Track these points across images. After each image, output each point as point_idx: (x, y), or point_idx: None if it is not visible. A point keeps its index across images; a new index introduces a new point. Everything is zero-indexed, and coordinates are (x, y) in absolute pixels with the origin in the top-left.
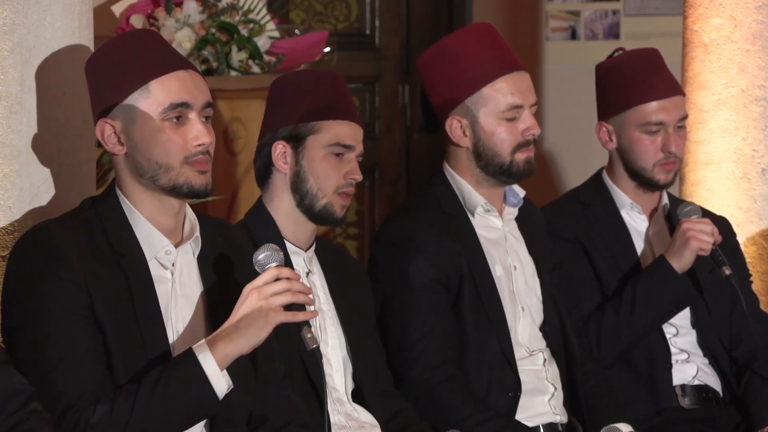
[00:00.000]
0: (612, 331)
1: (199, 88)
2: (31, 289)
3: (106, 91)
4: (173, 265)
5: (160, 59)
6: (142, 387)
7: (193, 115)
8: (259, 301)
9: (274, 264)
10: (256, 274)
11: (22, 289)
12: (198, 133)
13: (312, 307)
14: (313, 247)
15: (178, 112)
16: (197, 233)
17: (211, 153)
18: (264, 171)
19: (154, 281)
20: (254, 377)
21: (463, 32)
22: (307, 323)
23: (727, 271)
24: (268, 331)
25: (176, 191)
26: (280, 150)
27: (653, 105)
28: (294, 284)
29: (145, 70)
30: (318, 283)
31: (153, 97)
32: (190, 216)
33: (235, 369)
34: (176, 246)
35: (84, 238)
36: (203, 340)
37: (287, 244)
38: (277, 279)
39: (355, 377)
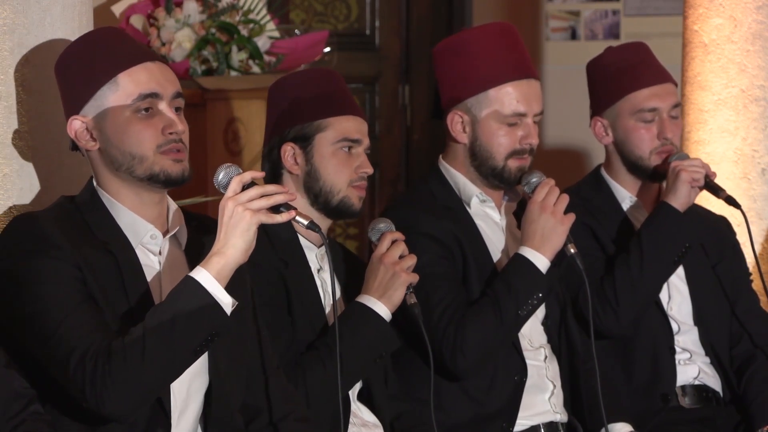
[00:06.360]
0: (627, 284)
1: (167, 79)
2: (22, 267)
3: (75, 88)
4: (160, 253)
5: (126, 53)
6: (149, 315)
7: (163, 106)
8: (236, 207)
9: (235, 174)
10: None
11: (12, 270)
12: (169, 122)
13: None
14: (326, 244)
15: (148, 103)
16: (183, 223)
17: (185, 142)
18: (273, 174)
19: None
20: (247, 365)
21: (483, 29)
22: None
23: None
24: (253, 232)
25: (153, 180)
26: (290, 152)
27: (645, 92)
28: (267, 188)
29: (112, 63)
30: (328, 281)
31: (122, 90)
32: (174, 208)
33: (227, 356)
34: (163, 235)
35: (68, 225)
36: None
37: (300, 239)
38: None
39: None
